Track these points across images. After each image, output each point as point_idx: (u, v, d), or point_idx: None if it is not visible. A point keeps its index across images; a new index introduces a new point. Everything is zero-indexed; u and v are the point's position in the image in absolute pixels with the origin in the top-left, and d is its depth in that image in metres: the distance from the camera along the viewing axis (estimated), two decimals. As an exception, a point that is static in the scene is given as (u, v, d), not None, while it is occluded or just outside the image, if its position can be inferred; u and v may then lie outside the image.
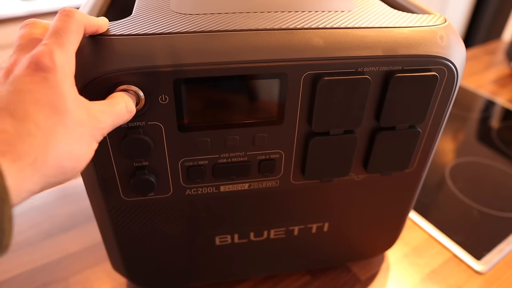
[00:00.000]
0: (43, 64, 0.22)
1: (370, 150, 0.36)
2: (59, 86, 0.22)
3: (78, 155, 0.23)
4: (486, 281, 0.50)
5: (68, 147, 0.22)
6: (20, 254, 0.51)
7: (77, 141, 0.23)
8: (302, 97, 0.32)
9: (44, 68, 0.22)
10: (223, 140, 0.33)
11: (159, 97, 0.29)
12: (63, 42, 0.23)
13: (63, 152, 0.22)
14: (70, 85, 0.23)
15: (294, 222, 0.42)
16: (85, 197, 0.60)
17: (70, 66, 0.24)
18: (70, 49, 0.24)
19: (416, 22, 0.33)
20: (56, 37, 0.24)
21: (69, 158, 0.22)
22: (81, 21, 0.25)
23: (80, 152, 0.23)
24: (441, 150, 0.72)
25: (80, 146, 0.23)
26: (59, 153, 0.21)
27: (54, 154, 0.21)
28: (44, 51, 0.22)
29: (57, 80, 0.22)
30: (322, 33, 0.31)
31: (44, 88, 0.22)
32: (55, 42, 0.23)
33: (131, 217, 0.37)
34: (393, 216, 0.45)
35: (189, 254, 0.42)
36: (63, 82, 0.22)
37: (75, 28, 0.25)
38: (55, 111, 0.22)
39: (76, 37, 0.25)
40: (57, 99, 0.22)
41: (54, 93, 0.22)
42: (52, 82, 0.22)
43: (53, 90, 0.22)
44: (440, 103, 0.35)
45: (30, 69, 0.22)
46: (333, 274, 0.50)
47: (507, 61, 1.07)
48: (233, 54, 0.29)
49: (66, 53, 0.24)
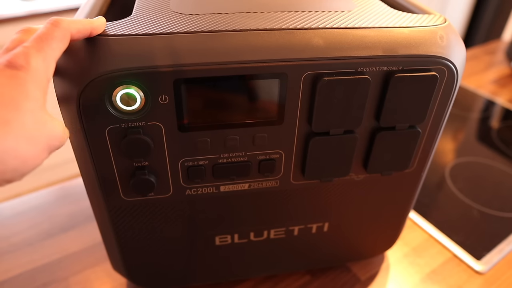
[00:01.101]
0: (16, 63, 0.22)
1: (370, 150, 0.36)
2: (26, 85, 0.22)
3: (24, 156, 0.22)
4: (486, 281, 0.50)
5: (15, 144, 0.22)
6: (20, 254, 0.51)
7: (29, 142, 0.22)
8: (302, 97, 0.32)
9: (16, 66, 0.22)
10: (223, 140, 0.33)
11: (159, 97, 0.29)
12: (42, 47, 0.24)
13: (7, 147, 0.21)
14: (38, 88, 0.23)
15: (294, 222, 0.42)
16: (85, 197, 0.60)
17: (45, 71, 0.24)
18: (49, 55, 0.24)
19: (416, 22, 0.33)
20: (37, 42, 0.24)
21: (13, 155, 0.22)
22: (66, 30, 0.26)
23: (28, 154, 0.22)
24: (441, 150, 0.72)
25: (30, 148, 0.22)
26: (4, 146, 0.21)
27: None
28: (20, 52, 0.23)
29: (25, 80, 0.22)
30: (322, 33, 0.31)
31: (10, 84, 0.22)
32: (34, 46, 0.24)
33: (131, 217, 0.37)
34: (393, 216, 0.45)
35: (189, 254, 0.42)
36: (31, 83, 0.23)
37: (59, 36, 0.25)
38: (14, 107, 0.22)
39: (58, 45, 0.25)
40: (21, 97, 0.22)
41: (19, 90, 0.22)
42: (20, 80, 0.22)
43: (19, 87, 0.22)
44: (440, 103, 0.35)
45: (3, 65, 0.22)
46: (333, 274, 0.50)
47: (507, 61, 1.07)
48: (233, 54, 0.29)
49: (44, 58, 0.24)
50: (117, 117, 0.30)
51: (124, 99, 0.29)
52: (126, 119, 0.30)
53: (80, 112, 0.29)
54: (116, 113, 0.29)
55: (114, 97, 0.28)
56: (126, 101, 0.29)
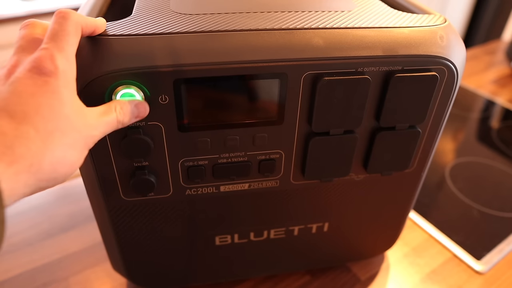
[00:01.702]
0: (45, 68, 0.22)
1: (370, 150, 0.36)
2: (60, 91, 0.22)
3: (71, 161, 0.23)
4: (486, 281, 0.50)
5: (63, 153, 0.22)
6: (20, 254, 0.51)
7: (72, 147, 0.23)
8: (302, 97, 0.32)
9: (46, 73, 0.22)
10: (223, 140, 0.33)
11: (159, 97, 0.29)
12: (63, 46, 0.23)
13: (58, 158, 0.22)
14: (70, 91, 0.23)
15: (294, 222, 0.42)
16: (85, 197, 0.60)
17: (71, 70, 0.24)
18: (70, 52, 0.24)
19: (416, 22, 0.33)
20: (55, 40, 0.23)
21: (63, 163, 0.22)
22: (78, 22, 0.25)
23: (74, 159, 0.23)
24: (441, 150, 0.72)
25: (74, 152, 0.23)
26: (54, 158, 0.22)
27: (49, 159, 0.21)
28: (45, 56, 0.22)
29: (58, 85, 0.22)
30: (322, 33, 0.31)
31: (45, 92, 0.22)
32: (55, 46, 0.23)
33: (131, 217, 0.37)
34: (393, 216, 0.45)
35: (189, 254, 0.42)
36: (64, 87, 0.23)
37: (72, 30, 0.25)
38: (54, 116, 0.22)
39: (74, 39, 0.25)
40: (57, 104, 0.22)
41: (54, 98, 0.22)
42: (54, 87, 0.22)
43: (54, 95, 0.22)
44: (440, 103, 0.35)
45: (32, 72, 0.22)
46: (333, 274, 0.50)
47: (507, 61, 1.07)
48: (233, 54, 0.29)
49: (67, 57, 0.24)
50: (117, 117, 0.30)
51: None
52: (126, 119, 0.30)
53: (80, 112, 0.29)
54: (116, 113, 0.29)
55: (114, 97, 0.28)
56: (126, 101, 0.29)
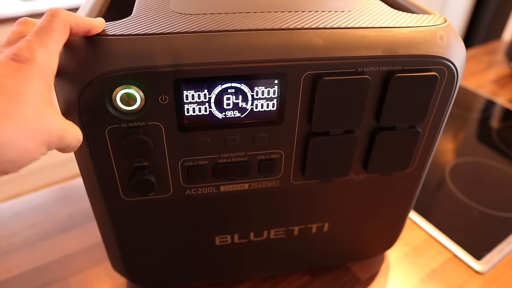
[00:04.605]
0: (21, 56, 0.23)
1: (370, 150, 0.36)
2: (30, 79, 0.22)
3: (23, 148, 0.22)
4: (486, 281, 0.50)
5: (16, 136, 0.22)
6: (20, 254, 0.51)
7: (28, 135, 0.22)
8: (302, 97, 0.32)
9: (21, 60, 0.22)
10: (223, 140, 0.33)
11: (159, 97, 0.29)
12: (46, 41, 0.24)
13: (9, 139, 0.21)
14: (42, 83, 0.23)
15: (294, 222, 0.42)
16: (85, 197, 0.60)
17: (49, 64, 0.24)
18: (53, 48, 0.24)
19: (416, 22, 0.33)
20: (40, 35, 0.24)
21: (13, 146, 0.22)
22: (66, 20, 0.26)
23: (26, 147, 0.22)
24: (441, 150, 0.72)
25: (29, 141, 0.22)
26: (4, 138, 0.21)
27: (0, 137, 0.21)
28: (25, 45, 0.23)
29: (31, 74, 0.22)
30: (322, 33, 0.31)
31: (15, 77, 0.22)
32: (37, 40, 0.24)
33: (131, 217, 0.37)
34: (393, 216, 0.45)
35: (189, 254, 0.42)
36: (37, 78, 0.23)
37: (59, 28, 0.25)
38: (17, 99, 0.22)
39: (60, 36, 0.25)
40: (23, 89, 0.22)
41: (22, 83, 0.22)
42: (25, 74, 0.22)
43: (24, 81, 0.22)
44: (440, 103, 0.35)
45: (9, 58, 0.22)
46: (333, 274, 0.50)
47: (507, 61, 1.07)
48: (233, 54, 0.29)
49: (48, 51, 0.24)
50: (117, 117, 0.30)
51: (124, 99, 0.29)
52: (126, 119, 0.30)
53: (80, 112, 0.29)
54: (116, 113, 0.29)
55: (114, 97, 0.28)
56: (126, 101, 0.29)
